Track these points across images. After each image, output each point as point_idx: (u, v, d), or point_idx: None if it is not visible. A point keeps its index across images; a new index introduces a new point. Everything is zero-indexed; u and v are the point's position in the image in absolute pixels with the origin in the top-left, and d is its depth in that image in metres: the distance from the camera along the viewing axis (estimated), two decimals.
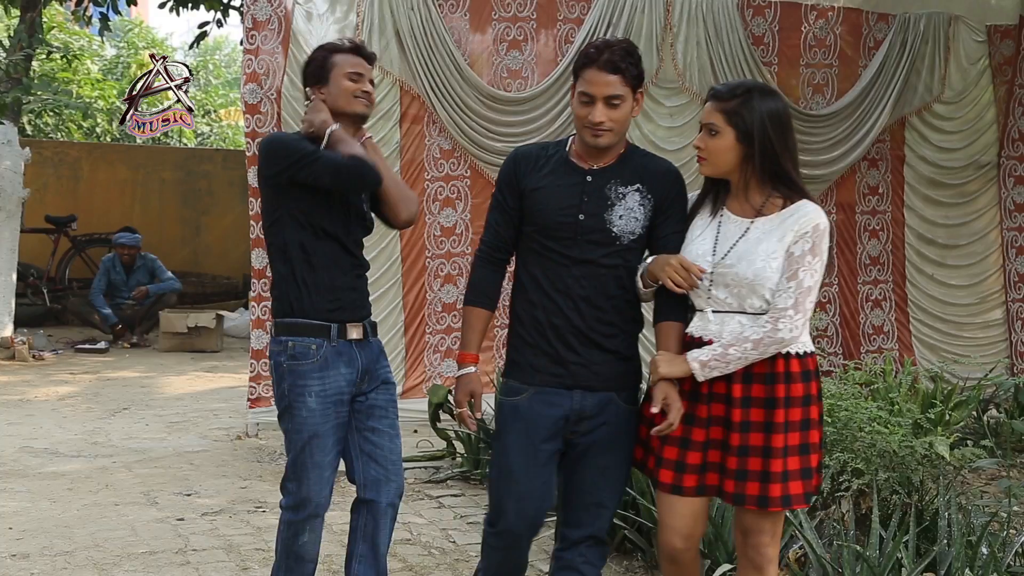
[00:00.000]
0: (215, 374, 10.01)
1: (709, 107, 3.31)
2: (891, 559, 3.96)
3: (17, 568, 4.64)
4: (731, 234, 3.29)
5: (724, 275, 3.24)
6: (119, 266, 11.86)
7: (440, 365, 7.36)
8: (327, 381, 3.67)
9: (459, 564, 4.82)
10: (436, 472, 6.29)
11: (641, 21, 7.62)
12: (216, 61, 25.01)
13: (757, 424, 3.22)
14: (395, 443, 3.83)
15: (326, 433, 3.69)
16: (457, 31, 7.30)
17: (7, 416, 7.84)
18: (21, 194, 10.65)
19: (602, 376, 3.40)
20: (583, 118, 3.34)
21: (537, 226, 3.42)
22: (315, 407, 3.66)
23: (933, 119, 8.56)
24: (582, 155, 3.44)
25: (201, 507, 5.63)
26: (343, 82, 3.73)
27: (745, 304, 3.24)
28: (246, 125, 6.92)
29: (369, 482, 3.78)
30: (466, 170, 7.41)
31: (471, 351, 3.53)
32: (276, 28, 6.81)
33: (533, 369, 3.43)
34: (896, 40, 8.28)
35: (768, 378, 3.22)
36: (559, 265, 3.39)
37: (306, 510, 3.74)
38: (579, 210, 3.38)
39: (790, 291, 3.18)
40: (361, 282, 3.84)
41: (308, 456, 3.69)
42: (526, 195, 3.44)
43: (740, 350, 3.19)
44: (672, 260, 3.27)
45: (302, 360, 3.67)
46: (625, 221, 3.37)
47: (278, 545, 3.84)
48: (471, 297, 3.58)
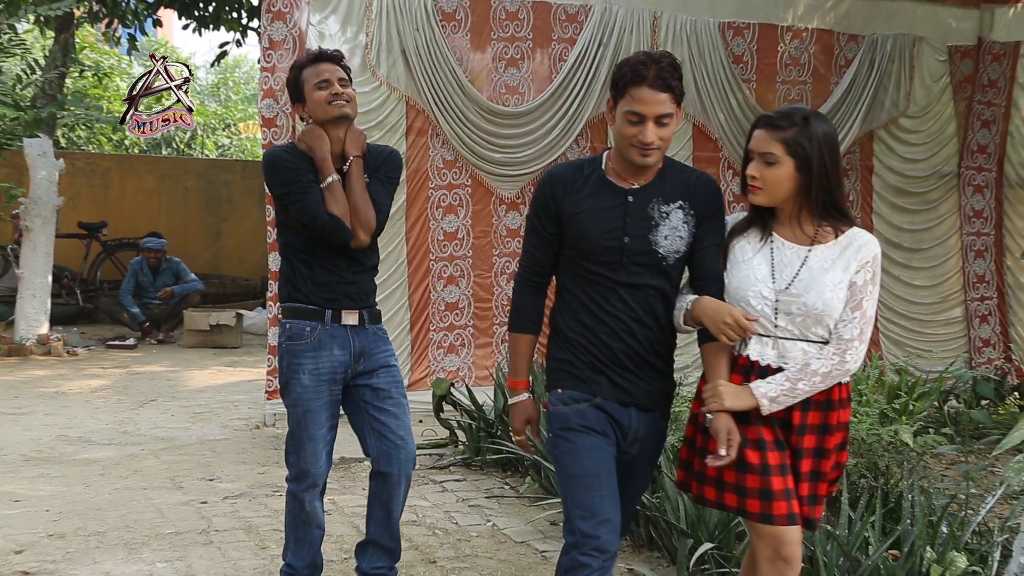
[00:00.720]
0: (235, 368, 10.00)
1: (764, 136, 2.99)
2: (859, 537, 3.98)
3: (54, 547, 4.65)
4: (789, 261, 3.01)
5: (789, 304, 2.97)
6: (146, 268, 11.86)
7: (443, 360, 7.36)
8: (320, 361, 3.74)
9: (461, 544, 4.83)
10: (440, 459, 6.30)
11: (629, 41, 7.63)
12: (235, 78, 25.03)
13: (808, 451, 3.00)
14: (401, 419, 3.87)
15: (318, 409, 3.76)
16: (459, 50, 7.31)
17: (44, 407, 7.84)
18: (56, 202, 10.65)
19: (651, 395, 3.12)
20: (631, 137, 2.97)
21: (580, 251, 3.07)
22: (308, 384, 3.74)
23: (899, 132, 8.58)
24: (620, 173, 3.09)
25: (223, 491, 5.64)
26: (314, 94, 3.75)
27: (808, 332, 2.97)
28: (263, 137, 6.93)
29: (381, 456, 3.84)
30: (467, 179, 7.42)
31: (522, 378, 3.22)
32: (291, 47, 6.82)
33: (593, 383, 3.08)
34: (865, 59, 8.30)
35: (825, 405, 3.00)
36: (606, 289, 3.06)
37: (306, 480, 3.81)
38: (623, 233, 3.03)
39: (855, 321, 2.94)
40: (361, 277, 3.83)
41: (303, 429, 3.77)
42: (566, 220, 3.08)
43: (809, 384, 2.94)
44: (727, 317, 2.94)
45: (297, 340, 3.76)
46: (670, 241, 3.05)
47: (286, 516, 3.91)
48: (517, 324, 3.24)
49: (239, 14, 12.12)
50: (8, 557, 4.51)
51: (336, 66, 3.79)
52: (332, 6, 6.93)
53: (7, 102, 10.01)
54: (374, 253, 3.90)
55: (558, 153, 7.54)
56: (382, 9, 7.00)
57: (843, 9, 8.34)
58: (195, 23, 11.92)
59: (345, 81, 3.80)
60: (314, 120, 3.78)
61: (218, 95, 24.39)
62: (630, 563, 4.52)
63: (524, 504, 5.45)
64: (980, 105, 8.76)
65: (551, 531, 5.01)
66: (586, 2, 7.58)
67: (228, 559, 4.55)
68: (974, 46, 8.72)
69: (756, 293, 3.00)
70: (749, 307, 3.00)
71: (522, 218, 7.54)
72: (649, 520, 4.61)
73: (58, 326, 11.21)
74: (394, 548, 3.94)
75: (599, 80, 7.54)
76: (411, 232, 7.29)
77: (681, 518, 4.37)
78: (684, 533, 4.30)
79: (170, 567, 4.43)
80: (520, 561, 4.60)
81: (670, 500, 4.47)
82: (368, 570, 3.92)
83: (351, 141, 3.80)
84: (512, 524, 5.12)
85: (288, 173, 3.72)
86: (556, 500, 5.26)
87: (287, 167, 3.74)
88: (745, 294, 3.02)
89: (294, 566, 3.91)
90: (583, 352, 3.08)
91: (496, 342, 7.50)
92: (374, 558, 3.92)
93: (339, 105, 3.73)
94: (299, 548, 3.89)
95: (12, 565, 4.41)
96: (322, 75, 3.74)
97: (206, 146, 19.96)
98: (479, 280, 7.48)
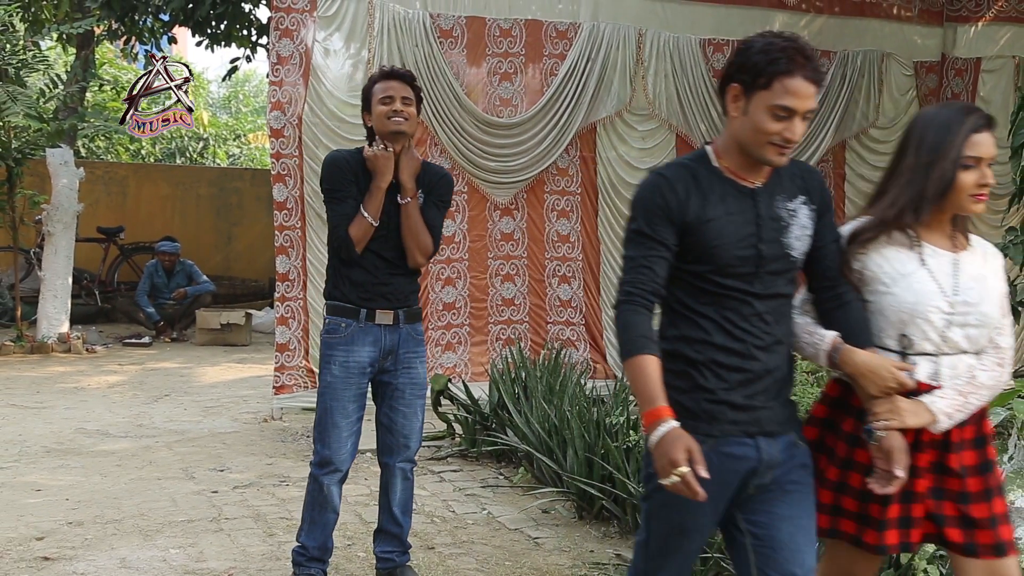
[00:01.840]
0: (244, 365, 9.97)
1: (991, 139, 2.58)
2: None
3: (73, 534, 4.62)
4: (949, 271, 2.60)
5: (967, 315, 2.55)
6: (161, 271, 11.82)
7: (441, 356, 7.32)
8: (351, 355, 3.79)
9: (458, 531, 4.80)
10: (438, 450, 6.27)
11: (616, 56, 7.61)
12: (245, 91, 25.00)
13: (970, 468, 2.59)
14: (409, 420, 3.92)
15: (346, 399, 3.80)
16: (456, 65, 7.28)
17: (64, 401, 7.80)
18: (76, 208, 10.61)
19: (781, 417, 2.54)
20: (773, 133, 2.43)
21: (712, 265, 2.48)
22: (338, 374, 3.80)
23: (869, 142, 8.57)
24: (736, 171, 2.55)
25: (233, 481, 5.60)
26: (377, 107, 3.78)
27: (977, 344, 2.59)
28: (271, 147, 6.90)
29: (384, 448, 3.94)
30: (463, 186, 7.39)
31: (663, 403, 2.38)
32: (298, 63, 6.79)
33: (710, 416, 2.48)
34: (837, 74, 8.30)
35: (977, 417, 2.63)
36: (741, 303, 2.49)
37: (329, 467, 3.83)
38: (757, 239, 2.50)
39: (1007, 328, 2.63)
40: (398, 279, 3.85)
41: (329, 417, 3.81)
42: (692, 229, 2.47)
43: (978, 398, 2.57)
44: (891, 381, 2.49)
45: (333, 334, 3.83)
46: (801, 241, 2.55)
47: (306, 498, 3.94)
48: (640, 347, 2.43)
49: (249, 32, 12.09)
50: (30, 543, 4.48)
51: (405, 85, 3.79)
52: (337, 24, 6.89)
53: (31, 114, 9.96)
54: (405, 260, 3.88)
55: (549, 161, 7.52)
56: (383, 27, 6.97)
57: (816, 27, 8.35)
58: (208, 40, 11.88)
59: (409, 100, 3.78)
60: (376, 131, 3.80)
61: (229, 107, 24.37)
62: (617, 549, 4.50)
63: (518, 493, 5.43)
64: None
65: (543, 519, 4.99)
66: (575, 20, 7.56)
67: (237, 545, 4.52)
68: (938, 62, 8.74)
69: (936, 308, 2.56)
70: (928, 325, 2.56)
71: (515, 223, 7.52)
72: (636, 508, 4.58)
73: (78, 325, 11.17)
74: (398, 534, 4.00)
75: (588, 92, 7.52)
76: None
77: None
78: None
79: (183, 553, 4.40)
80: (514, 547, 4.58)
81: None
82: (379, 554, 4.02)
83: (405, 168, 3.80)
84: (506, 512, 5.09)
85: (337, 178, 3.78)
86: (547, 489, 5.24)
87: (339, 173, 3.78)
88: (925, 310, 2.56)
89: (307, 546, 3.92)
90: (708, 375, 2.49)
91: (491, 340, 7.47)
92: (383, 543, 4.02)
93: (396, 122, 3.74)
94: (313, 530, 3.90)
95: (33, 551, 4.38)
96: (388, 91, 3.76)
97: (218, 155, 19.91)
98: (475, 281, 7.45)
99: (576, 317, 7.71)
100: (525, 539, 4.68)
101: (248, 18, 11.91)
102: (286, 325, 6.79)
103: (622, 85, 7.65)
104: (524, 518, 5.00)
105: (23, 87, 10.26)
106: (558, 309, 7.67)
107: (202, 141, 19.43)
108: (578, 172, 7.70)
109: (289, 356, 6.78)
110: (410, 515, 4.05)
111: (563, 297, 7.68)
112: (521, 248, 7.58)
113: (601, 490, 4.80)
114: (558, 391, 5.99)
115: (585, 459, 5.02)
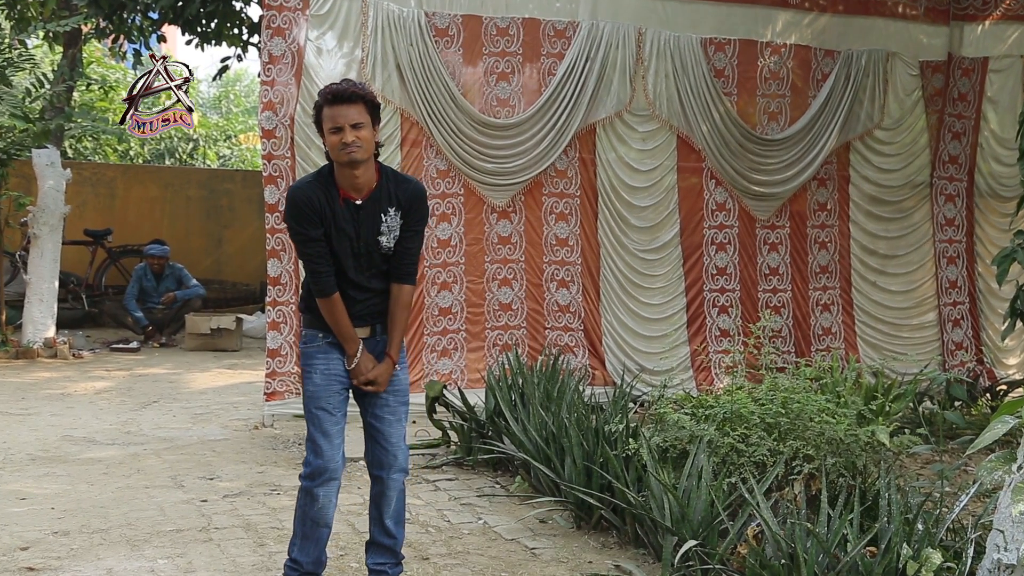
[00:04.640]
0: (235, 371, 9.96)
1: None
2: (838, 535, 3.95)
3: (59, 544, 4.61)
4: None
5: None
6: (150, 274, 11.81)
7: (437, 363, 7.32)
8: (331, 363, 3.90)
9: (453, 541, 4.79)
10: (432, 459, 6.26)
11: (616, 56, 7.63)
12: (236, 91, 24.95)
13: None
14: (395, 428, 3.98)
15: (331, 406, 3.89)
16: (451, 64, 7.29)
17: (50, 408, 7.79)
18: (63, 210, 10.60)
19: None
20: None
21: None
22: (320, 382, 3.89)
23: (874, 143, 8.58)
24: None
25: (223, 490, 5.60)
26: (328, 136, 3.78)
27: None
28: (263, 148, 6.89)
29: (375, 461, 3.98)
30: (460, 188, 7.39)
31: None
32: (290, 62, 6.79)
33: None
34: (841, 74, 8.31)
35: None
36: None
37: (323, 476, 3.85)
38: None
39: None
40: (373, 300, 3.95)
41: (318, 426, 3.88)
42: None
43: None
44: None
45: (310, 344, 3.94)
46: None
47: (296, 512, 3.95)
48: None
49: (240, 30, 12.09)
50: (14, 553, 4.47)
51: (352, 107, 3.72)
52: (330, 22, 6.90)
53: (17, 114, 9.96)
54: (381, 281, 3.95)
55: (547, 163, 7.52)
56: (377, 25, 6.98)
57: (820, 26, 8.36)
58: (198, 39, 11.88)
59: (360, 124, 3.72)
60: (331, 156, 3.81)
61: (220, 108, 24.32)
62: (616, 559, 4.50)
63: (514, 502, 5.42)
64: (951, 118, 8.79)
65: (540, 528, 4.98)
66: (574, 18, 7.58)
67: (227, 555, 4.51)
68: (944, 61, 8.74)
69: None
70: None
71: (513, 226, 7.53)
72: (635, 518, 4.59)
73: (64, 330, 11.15)
74: (391, 546, 4.02)
75: (587, 93, 7.53)
76: None
77: (666, 516, 4.34)
78: (669, 531, 4.27)
79: (171, 563, 4.39)
80: (510, 558, 4.57)
81: (655, 498, 4.44)
82: (371, 566, 4.03)
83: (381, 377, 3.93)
84: (502, 522, 5.09)
85: (300, 219, 3.81)
86: (545, 498, 5.24)
87: (300, 214, 3.80)
88: None
89: (299, 561, 3.93)
90: None
91: (487, 346, 7.47)
92: (375, 555, 4.04)
93: (348, 152, 3.72)
94: (306, 545, 3.92)
95: (18, 561, 4.37)
96: (335, 120, 3.72)
97: (208, 156, 19.89)
98: (471, 286, 7.45)
99: (574, 322, 7.71)
100: (522, 549, 4.68)
101: (239, 16, 11.92)
102: (277, 330, 6.78)
103: (622, 85, 7.66)
104: (521, 528, 5.00)
105: (9, 86, 10.26)
106: (556, 314, 7.67)
107: (192, 142, 19.40)
108: (577, 174, 7.71)
109: (280, 362, 6.77)
110: (403, 526, 4.07)
111: (561, 302, 7.68)
112: (519, 252, 7.58)
113: (600, 499, 4.79)
114: (556, 398, 5.98)
115: (583, 468, 5.02)
